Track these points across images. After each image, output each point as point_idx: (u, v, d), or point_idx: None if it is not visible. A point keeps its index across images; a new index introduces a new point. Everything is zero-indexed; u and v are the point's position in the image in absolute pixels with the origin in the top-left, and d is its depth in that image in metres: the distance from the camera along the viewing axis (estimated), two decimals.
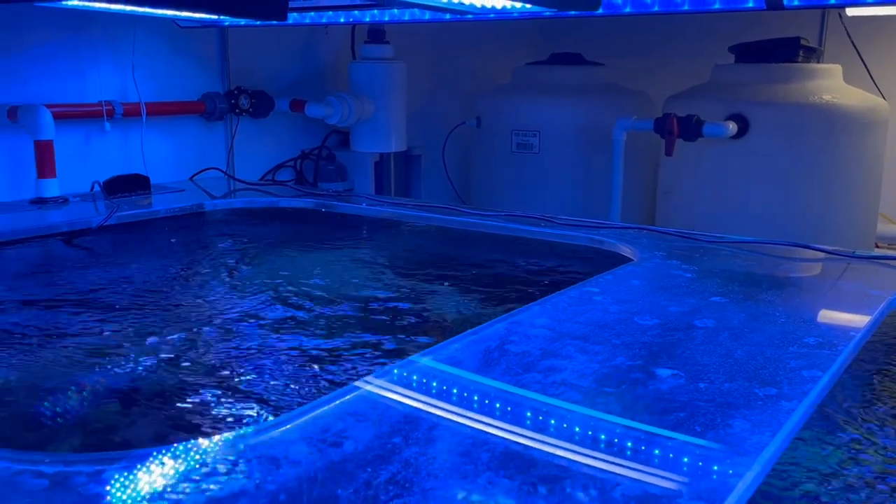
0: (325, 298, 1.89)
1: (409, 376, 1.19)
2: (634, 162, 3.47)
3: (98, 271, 2.12)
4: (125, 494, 0.89)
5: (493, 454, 0.95)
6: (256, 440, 1.01)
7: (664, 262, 1.81)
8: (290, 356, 1.52)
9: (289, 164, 3.48)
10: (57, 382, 1.44)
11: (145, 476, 0.92)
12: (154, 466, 0.94)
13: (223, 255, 2.32)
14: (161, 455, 0.97)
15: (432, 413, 1.06)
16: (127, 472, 0.93)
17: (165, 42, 2.98)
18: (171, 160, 3.05)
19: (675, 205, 3.42)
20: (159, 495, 0.88)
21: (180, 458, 0.96)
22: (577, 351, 1.26)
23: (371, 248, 2.39)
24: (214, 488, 0.89)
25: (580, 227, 2.18)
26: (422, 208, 2.52)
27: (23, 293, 1.96)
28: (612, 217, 3.31)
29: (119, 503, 0.87)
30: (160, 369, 1.48)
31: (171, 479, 0.91)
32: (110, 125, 2.77)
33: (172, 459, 0.96)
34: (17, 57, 2.59)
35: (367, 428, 1.02)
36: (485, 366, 1.22)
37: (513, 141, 3.66)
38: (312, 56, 3.59)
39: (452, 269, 2.08)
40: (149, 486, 0.90)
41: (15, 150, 2.61)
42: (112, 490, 0.90)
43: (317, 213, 2.65)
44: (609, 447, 0.96)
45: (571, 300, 1.53)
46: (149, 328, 1.72)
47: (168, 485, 0.90)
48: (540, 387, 1.13)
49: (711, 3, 1.88)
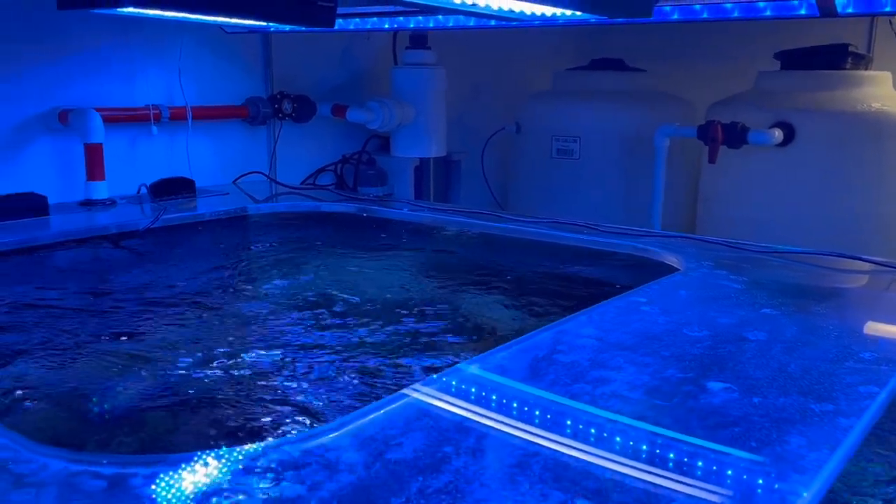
0: (369, 303, 1.89)
1: (457, 385, 1.19)
2: (675, 169, 3.43)
3: (146, 273, 2.16)
4: (181, 497, 0.90)
5: (544, 465, 0.94)
6: (308, 445, 1.01)
7: (711, 273, 1.79)
8: (336, 361, 1.53)
9: (329, 168, 3.51)
10: (109, 384, 1.46)
11: (201, 479, 0.94)
12: (209, 469, 0.96)
13: (267, 258, 2.35)
14: (216, 458, 0.98)
15: (482, 423, 1.06)
16: (182, 475, 0.95)
17: (211, 47, 3.03)
18: (214, 164, 3.09)
19: (716, 212, 3.38)
20: (214, 499, 0.89)
21: (235, 461, 0.97)
22: (627, 362, 1.24)
23: (412, 253, 2.39)
24: (270, 493, 0.90)
25: (624, 234, 2.16)
26: (463, 214, 2.52)
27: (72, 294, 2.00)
28: (653, 224, 3.28)
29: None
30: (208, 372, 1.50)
31: (226, 483, 0.92)
32: (157, 129, 2.82)
33: (227, 463, 0.97)
34: (68, 61, 2.65)
35: (417, 436, 1.02)
36: (533, 375, 1.21)
37: (553, 147, 3.65)
38: (354, 61, 3.61)
39: (494, 276, 2.08)
40: (205, 489, 0.91)
41: (65, 153, 2.66)
42: (168, 492, 0.91)
43: (358, 217, 2.66)
44: (663, 462, 0.95)
45: (618, 310, 1.52)
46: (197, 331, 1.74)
47: (223, 488, 0.91)
48: (590, 398, 1.12)
49: (762, 11, 1.85)
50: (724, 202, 3.33)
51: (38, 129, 2.60)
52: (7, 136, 2.53)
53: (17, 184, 2.48)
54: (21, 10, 2.50)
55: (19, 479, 0.94)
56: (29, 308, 1.85)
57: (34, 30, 2.55)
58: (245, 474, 0.94)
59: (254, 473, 0.94)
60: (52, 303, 1.91)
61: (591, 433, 1.02)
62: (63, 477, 0.94)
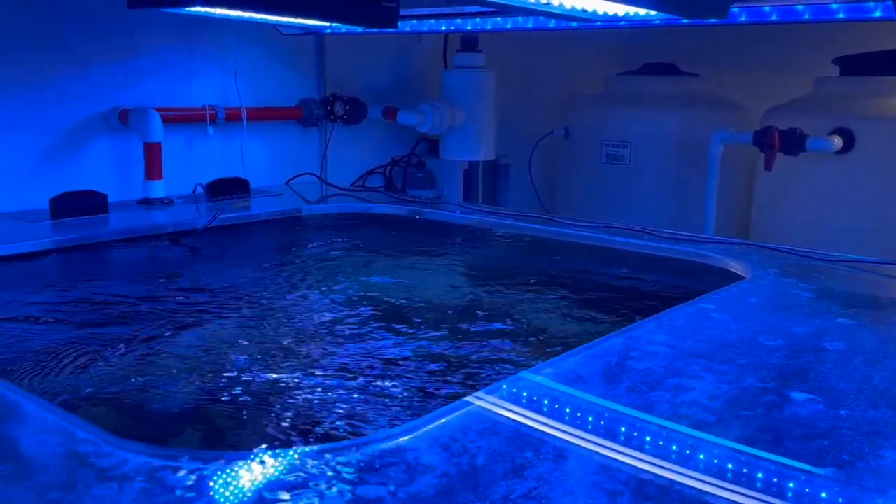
0: (427, 307, 1.89)
1: (530, 392, 1.17)
2: (728, 174, 3.37)
3: (204, 272, 2.18)
4: (262, 494, 0.90)
5: (623, 482, 0.92)
6: (384, 447, 1.00)
7: (779, 281, 1.75)
8: (396, 364, 1.52)
9: (378, 170, 3.51)
10: (170, 382, 1.48)
11: (281, 476, 0.93)
12: (289, 467, 0.95)
13: (323, 259, 2.35)
14: (295, 456, 0.97)
15: (560, 431, 1.04)
16: (261, 472, 0.94)
17: (266, 49, 3.05)
18: (267, 164, 3.11)
19: (772, 219, 3.31)
20: (297, 497, 0.88)
21: (314, 460, 0.96)
22: (704, 370, 1.22)
23: (467, 257, 2.38)
24: (356, 492, 0.89)
25: (683, 240, 2.13)
26: (517, 217, 2.50)
27: (132, 291, 2.03)
28: (707, 231, 3.22)
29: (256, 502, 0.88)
30: (268, 374, 1.51)
31: (307, 482, 0.92)
32: (213, 129, 2.85)
33: (306, 462, 0.96)
34: (128, 62, 2.69)
35: (493, 441, 1.01)
36: (608, 381, 1.19)
37: (602, 152, 3.61)
38: (404, 64, 3.62)
39: (553, 281, 2.06)
40: (286, 486, 0.91)
41: (124, 152, 2.70)
42: (249, 489, 0.91)
43: (411, 219, 2.66)
44: (752, 479, 0.92)
45: (688, 317, 1.49)
46: (257, 330, 1.75)
47: (305, 486, 0.90)
48: (668, 406, 1.10)
49: (835, 13, 1.81)
50: (780, 209, 3.26)
51: (99, 128, 2.65)
52: (70, 134, 2.58)
53: (78, 181, 2.52)
54: (85, 12, 2.55)
55: (102, 472, 0.94)
56: (88, 304, 1.88)
57: (97, 31, 2.59)
58: (325, 474, 0.93)
59: (334, 473, 0.93)
60: (112, 299, 1.93)
61: (673, 449, 0.99)
62: (145, 471, 0.95)
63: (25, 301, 1.87)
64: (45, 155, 2.53)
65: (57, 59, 2.52)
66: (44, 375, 1.47)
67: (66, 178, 2.54)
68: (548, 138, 3.89)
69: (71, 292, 1.95)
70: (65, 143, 2.57)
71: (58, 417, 1.07)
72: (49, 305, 1.87)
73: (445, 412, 1.09)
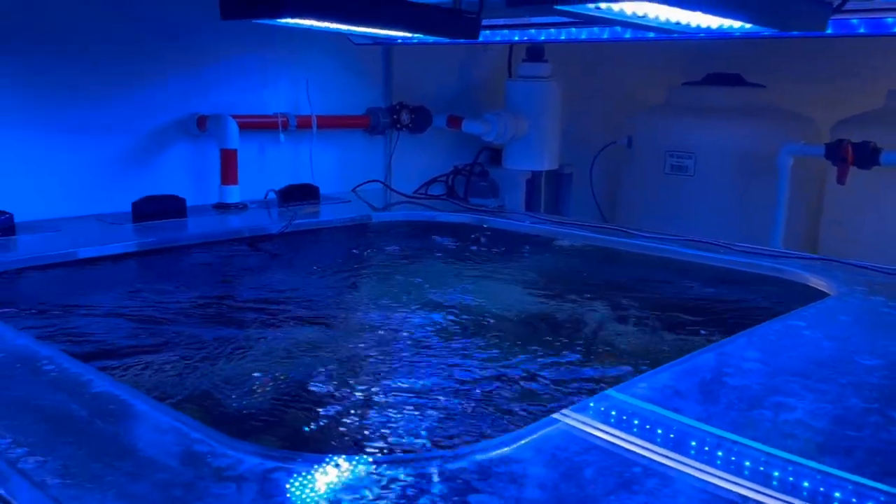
0: (500, 318, 1.89)
1: (615, 412, 1.16)
2: (796, 187, 3.32)
3: (282, 276, 2.22)
4: (375, 497, 0.91)
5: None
6: (488, 456, 1.01)
7: (867, 298, 1.72)
8: (473, 378, 1.53)
9: (441, 178, 3.54)
10: (248, 384, 1.51)
11: (393, 481, 0.95)
12: (400, 472, 0.97)
13: (394, 266, 2.38)
14: (406, 462, 0.99)
15: (652, 457, 1.02)
16: (374, 476, 0.96)
17: (336, 58, 3.10)
18: (334, 171, 3.16)
19: (843, 233, 3.24)
20: (413, 501, 0.90)
21: (420, 466, 0.98)
22: (803, 389, 1.20)
23: (539, 267, 2.39)
24: (466, 500, 0.90)
25: (761, 255, 2.10)
26: (587, 228, 2.50)
27: (211, 293, 2.08)
28: (774, 243, 3.17)
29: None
30: (358, 379, 1.53)
31: (417, 487, 0.93)
32: (284, 136, 2.90)
33: (413, 468, 0.98)
34: (206, 71, 2.76)
35: (597, 456, 1.01)
36: (705, 399, 1.18)
37: (666, 162, 3.58)
38: (469, 73, 3.64)
39: (627, 294, 2.05)
40: (400, 491, 0.92)
41: (200, 157, 2.77)
42: (361, 492, 0.93)
43: (478, 228, 2.67)
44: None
45: (778, 334, 1.47)
46: (336, 335, 1.78)
47: (419, 493, 0.92)
48: (772, 425, 1.09)
49: None
50: (851, 223, 3.20)
51: (178, 134, 2.72)
52: (150, 139, 2.66)
53: (156, 185, 2.59)
54: (166, 23, 2.62)
55: (218, 472, 0.97)
56: (168, 306, 1.93)
57: (177, 41, 2.67)
58: (432, 480, 0.95)
59: (446, 480, 0.94)
60: (192, 302, 1.98)
61: (773, 474, 0.98)
62: (259, 472, 0.97)
63: (113, 302, 1.93)
64: (127, 159, 2.61)
65: (144, 67, 2.60)
66: (138, 372, 1.52)
67: (146, 181, 2.61)
68: (608, 147, 3.88)
69: (152, 295, 2.01)
70: (146, 148, 2.65)
71: (170, 418, 1.10)
72: (133, 306, 1.92)
73: (535, 429, 1.09)
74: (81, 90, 2.48)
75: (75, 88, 2.47)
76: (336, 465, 1.00)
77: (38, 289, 1.91)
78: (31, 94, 2.38)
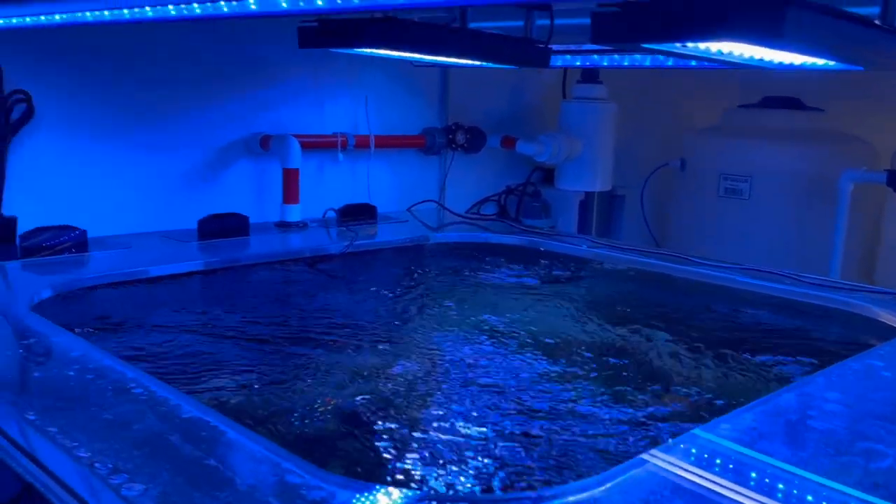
0: (560, 346, 1.89)
1: (707, 454, 1.15)
2: (854, 214, 3.27)
3: (344, 297, 2.25)
4: None
5: None
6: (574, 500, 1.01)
7: None
8: (543, 412, 1.53)
9: (493, 198, 3.55)
10: (312, 406, 1.52)
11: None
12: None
13: (452, 288, 2.39)
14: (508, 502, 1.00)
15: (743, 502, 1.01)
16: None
17: (393, 78, 3.14)
18: (390, 190, 3.19)
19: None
20: None
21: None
22: (890, 434, 1.19)
23: (599, 293, 2.38)
24: None
25: (829, 287, 2.07)
26: (646, 254, 2.49)
27: (276, 313, 2.11)
28: (831, 271, 3.13)
29: None
30: (427, 407, 1.54)
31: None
32: (342, 155, 2.94)
33: None
34: (270, 91, 2.82)
35: (688, 500, 1.01)
36: (791, 442, 1.17)
37: (720, 185, 3.55)
38: (522, 94, 3.66)
39: (691, 324, 2.03)
40: None
41: (262, 176, 2.82)
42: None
43: (535, 250, 2.68)
44: None
45: (857, 374, 1.45)
46: (403, 357, 1.79)
47: None
48: (862, 472, 1.08)
49: None
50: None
51: (241, 153, 2.77)
52: (214, 158, 2.71)
53: (220, 203, 2.65)
54: (230, 45, 2.68)
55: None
56: (237, 326, 1.97)
57: (240, 62, 2.72)
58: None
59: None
60: (257, 320, 2.02)
61: None
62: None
63: (184, 321, 1.97)
64: (192, 176, 2.67)
65: (212, 87, 2.66)
66: (215, 393, 1.55)
67: (210, 198, 2.66)
68: (660, 170, 3.86)
69: (221, 314, 2.05)
70: (211, 166, 2.71)
71: (261, 447, 1.12)
72: (201, 327, 1.96)
73: (623, 470, 1.08)
74: (152, 110, 2.55)
75: (147, 108, 2.54)
76: (437, 499, 1.01)
77: (113, 306, 1.96)
78: (108, 113, 2.46)
